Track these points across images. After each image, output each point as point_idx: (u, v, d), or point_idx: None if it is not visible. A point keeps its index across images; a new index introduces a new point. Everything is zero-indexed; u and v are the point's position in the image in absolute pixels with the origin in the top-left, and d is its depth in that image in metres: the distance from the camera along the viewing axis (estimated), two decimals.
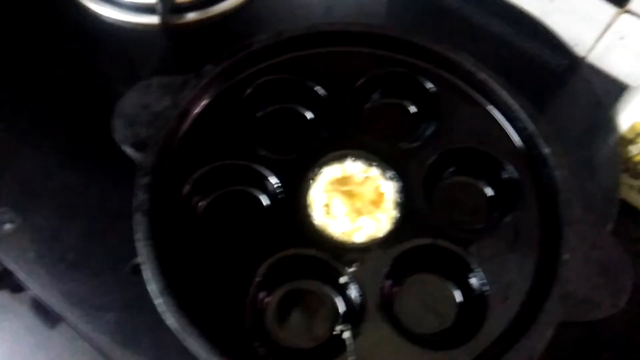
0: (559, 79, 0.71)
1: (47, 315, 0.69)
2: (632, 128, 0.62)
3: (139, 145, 0.51)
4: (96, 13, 0.71)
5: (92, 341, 0.54)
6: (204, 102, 0.56)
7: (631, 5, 0.67)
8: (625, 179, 0.64)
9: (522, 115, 0.55)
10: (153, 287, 0.46)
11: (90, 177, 0.61)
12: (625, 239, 0.51)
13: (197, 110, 0.55)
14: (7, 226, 0.58)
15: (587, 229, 0.49)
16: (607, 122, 0.65)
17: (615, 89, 0.70)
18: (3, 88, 0.67)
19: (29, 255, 0.57)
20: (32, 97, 0.66)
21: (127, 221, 0.48)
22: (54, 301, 0.55)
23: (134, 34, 0.71)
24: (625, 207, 0.63)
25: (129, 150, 0.52)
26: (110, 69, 0.69)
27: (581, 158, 0.63)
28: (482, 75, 0.57)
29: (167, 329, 0.45)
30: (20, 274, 0.56)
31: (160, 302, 0.45)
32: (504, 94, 0.56)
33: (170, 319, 0.45)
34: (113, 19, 0.71)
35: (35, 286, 0.56)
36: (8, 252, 0.57)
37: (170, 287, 0.46)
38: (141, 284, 0.47)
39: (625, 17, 0.68)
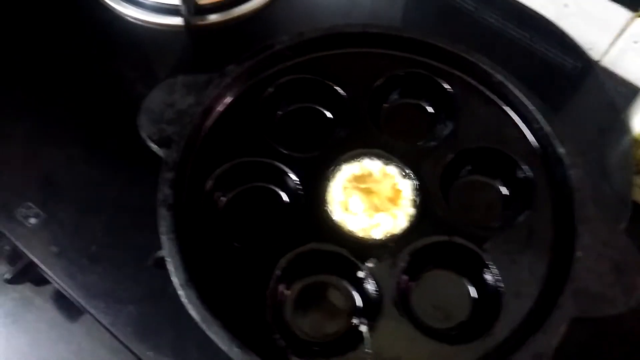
0: (573, 81, 0.71)
1: (68, 308, 0.70)
2: None
3: (163, 142, 0.52)
4: (121, 14, 0.72)
5: (113, 333, 0.54)
6: (226, 101, 0.56)
7: None
8: (638, 180, 0.65)
9: (538, 116, 0.55)
10: (176, 279, 0.46)
11: (112, 173, 0.62)
12: (636, 241, 0.51)
13: (220, 108, 0.56)
14: (32, 221, 0.59)
15: (601, 227, 0.50)
16: (620, 124, 0.65)
17: (629, 92, 0.70)
18: (28, 87, 0.68)
19: (53, 249, 0.58)
20: (56, 96, 0.67)
21: (148, 215, 0.49)
22: (76, 294, 0.56)
23: (157, 35, 0.72)
24: (637, 208, 0.63)
25: (154, 147, 0.52)
26: (133, 68, 0.70)
27: (594, 159, 0.63)
28: (499, 77, 0.57)
29: (186, 321, 0.45)
30: (44, 268, 0.57)
31: (183, 294, 0.46)
32: (520, 95, 0.56)
33: (193, 311, 0.45)
34: (137, 19, 0.72)
35: (58, 279, 0.57)
36: (32, 246, 0.58)
37: (193, 280, 0.46)
38: (162, 277, 0.47)
39: None
